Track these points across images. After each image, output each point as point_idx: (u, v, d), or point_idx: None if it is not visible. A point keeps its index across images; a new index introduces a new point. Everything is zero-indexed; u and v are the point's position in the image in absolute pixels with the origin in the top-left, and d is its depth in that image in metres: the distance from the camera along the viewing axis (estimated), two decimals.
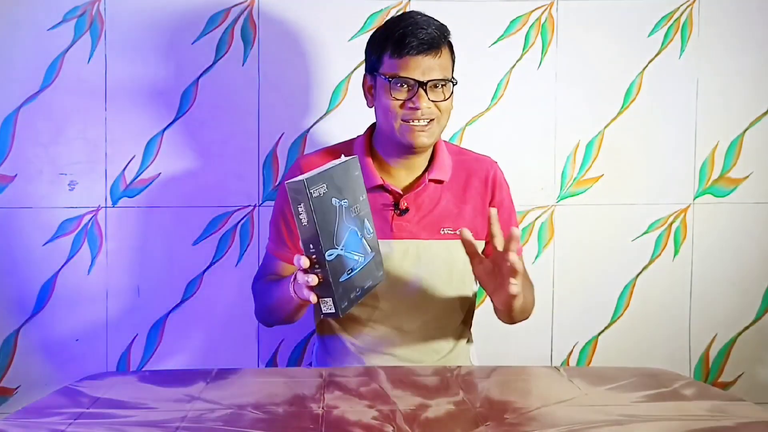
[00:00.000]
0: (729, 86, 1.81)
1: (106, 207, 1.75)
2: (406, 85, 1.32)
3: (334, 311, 1.11)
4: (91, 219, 1.75)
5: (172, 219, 1.76)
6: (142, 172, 1.75)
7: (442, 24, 1.35)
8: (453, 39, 1.38)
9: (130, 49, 1.73)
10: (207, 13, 1.74)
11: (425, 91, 1.31)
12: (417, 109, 1.31)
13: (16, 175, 1.73)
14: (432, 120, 1.34)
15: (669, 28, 1.80)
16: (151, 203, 1.75)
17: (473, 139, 1.78)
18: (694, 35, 1.80)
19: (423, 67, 1.31)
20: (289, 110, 1.76)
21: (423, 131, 1.34)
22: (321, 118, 1.77)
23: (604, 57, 1.80)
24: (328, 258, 1.09)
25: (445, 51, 1.35)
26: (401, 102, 1.32)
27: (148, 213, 1.76)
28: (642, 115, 1.80)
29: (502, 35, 1.78)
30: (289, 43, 1.75)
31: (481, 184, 1.44)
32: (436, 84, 1.33)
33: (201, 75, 1.74)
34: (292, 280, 1.28)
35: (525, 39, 1.78)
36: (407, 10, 1.73)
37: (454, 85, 1.36)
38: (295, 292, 1.22)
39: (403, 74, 1.31)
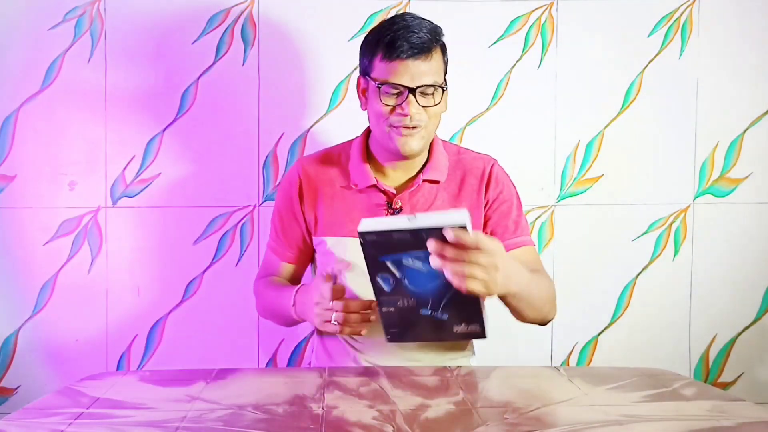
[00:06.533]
0: (729, 86, 1.81)
1: (106, 207, 1.75)
2: (395, 91, 1.31)
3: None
4: (91, 219, 1.75)
5: (172, 219, 1.76)
6: (142, 172, 1.75)
7: (435, 26, 1.33)
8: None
9: (131, 49, 1.73)
10: (207, 13, 1.74)
11: (415, 96, 1.30)
12: (405, 115, 1.31)
13: (16, 175, 1.73)
14: (421, 125, 1.33)
15: (669, 28, 1.79)
16: (151, 203, 1.75)
17: (473, 139, 1.78)
18: (694, 35, 1.80)
19: (413, 72, 1.30)
20: (288, 110, 1.76)
21: (411, 137, 1.33)
22: (321, 118, 1.77)
23: (604, 57, 1.80)
24: None
25: (437, 54, 1.33)
26: (391, 107, 1.32)
27: (148, 213, 1.76)
28: (642, 115, 1.80)
29: (502, 35, 1.78)
30: (289, 43, 1.75)
31: (476, 180, 1.43)
32: (426, 89, 1.32)
33: (201, 75, 1.74)
34: (292, 303, 1.33)
35: (525, 39, 1.78)
36: (407, 10, 1.73)
37: (444, 90, 1.35)
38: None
39: (393, 80, 1.30)
